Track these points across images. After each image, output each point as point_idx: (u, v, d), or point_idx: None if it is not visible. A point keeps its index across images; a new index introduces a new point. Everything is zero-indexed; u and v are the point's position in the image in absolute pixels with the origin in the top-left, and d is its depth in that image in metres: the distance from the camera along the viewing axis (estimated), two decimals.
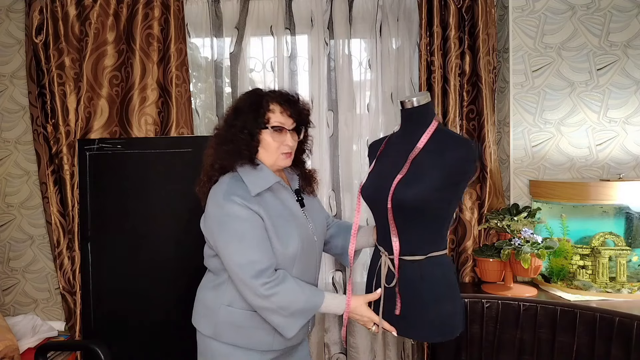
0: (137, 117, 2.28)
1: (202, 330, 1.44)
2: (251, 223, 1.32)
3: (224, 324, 1.39)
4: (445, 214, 1.43)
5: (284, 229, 1.37)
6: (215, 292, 1.43)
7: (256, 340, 1.39)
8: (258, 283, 1.29)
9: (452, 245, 2.32)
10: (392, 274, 1.43)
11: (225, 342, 1.39)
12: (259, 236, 1.32)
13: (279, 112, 1.39)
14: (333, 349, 2.46)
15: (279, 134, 1.39)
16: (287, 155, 1.42)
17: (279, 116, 1.39)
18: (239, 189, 1.34)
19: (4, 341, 1.94)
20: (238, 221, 1.31)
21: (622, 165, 2.25)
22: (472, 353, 2.00)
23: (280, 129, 1.39)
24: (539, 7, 2.26)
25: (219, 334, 1.40)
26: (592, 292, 1.99)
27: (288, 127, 1.40)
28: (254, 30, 2.39)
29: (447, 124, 2.25)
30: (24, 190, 2.45)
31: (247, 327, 1.38)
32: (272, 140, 1.38)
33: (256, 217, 1.33)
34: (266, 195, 1.38)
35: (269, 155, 1.40)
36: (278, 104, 1.39)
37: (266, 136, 1.38)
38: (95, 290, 2.20)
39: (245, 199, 1.32)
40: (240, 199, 1.31)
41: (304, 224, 1.44)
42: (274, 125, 1.38)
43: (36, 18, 2.22)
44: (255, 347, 1.39)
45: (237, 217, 1.31)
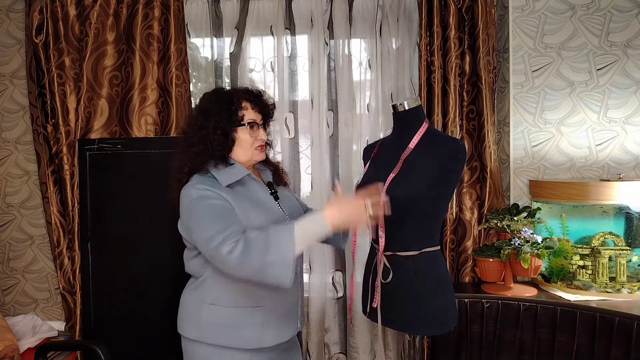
0: (137, 117, 2.28)
1: (187, 334, 1.40)
2: (216, 201, 1.30)
3: (208, 324, 1.36)
4: (437, 211, 1.49)
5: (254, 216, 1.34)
6: (197, 292, 1.40)
7: (244, 338, 1.35)
8: (222, 248, 1.21)
9: (452, 245, 2.32)
10: (388, 270, 1.48)
11: (212, 343, 1.35)
12: (223, 210, 1.29)
13: (251, 109, 1.42)
14: (333, 349, 2.46)
15: (253, 130, 1.42)
16: (261, 149, 1.45)
17: (251, 112, 1.42)
18: (207, 180, 1.36)
19: (4, 341, 1.94)
20: (203, 200, 1.30)
21: (622, 165, 2.26)
22: (472, 353, 2.00)
23: (254, 124, 1.42)
24: (539, 7, 2.26)
25: (204, 335, 1.36)
26: (592, 292, 1.99)
27: (259, 122, 1.44)
28: (254, 30, 2.39)
29: (447, 124, 2.25)
30: (24, 190, 2.45)
31: (233, 324, 1.35)
32: (248, 136, 1.41)
33: (222, 198, 1.31)
34: (237, 188, 1.38)
35: (244, 152, 1.42)
36: (248, 101, 1.42)
37: (241, 134, 1.41)
38: (95, 290, 2.20)
39: (213, 186, 1.33)
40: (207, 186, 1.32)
41: (278, 214, 1.42)
42: (249, 121, 1.41)
43: (36, 18, 2.22)
44: (244, 346, 1.35)
45: (202, 198, 1.30)
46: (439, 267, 1.53)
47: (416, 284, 1.48)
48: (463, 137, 2.29)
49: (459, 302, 1.99)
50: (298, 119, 2.43)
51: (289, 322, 1.43)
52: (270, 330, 1.37)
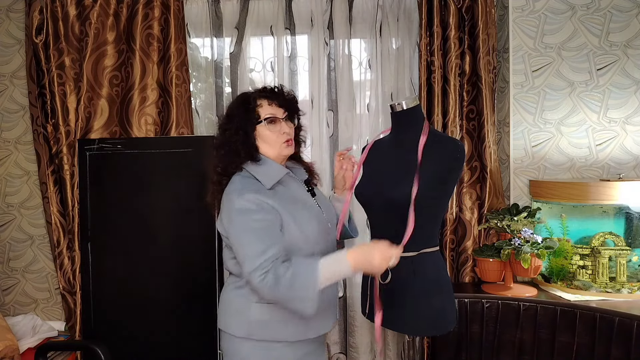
0: (137, 117, 2.28)
1: (234, 332, 1.43)
2: (258, 217, 1.34)
3: (256, 321, 1.40)
4: (436, 211, 1.50)
5: (301, 214, 1.40)
6: (242, 291, 1.44)
7: (290, 331, 1.40)
8: (254, 276, 1.29)
9: (452, 245, 2.32)
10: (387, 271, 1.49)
11: (260, 339, 1.40)
12: (264, 228, 1.34)
13: (267, 105, 1.44)
14: (333, 349, 2.46)
15: (274, 125, 1.44)
16: (288, 142, 1.46)
17: (267, 108, 1.44)
18: (251, 185, 1.38)
19: (4, 341, 1.94)
20: (246, 215, 1.34)
21: (622, 165, 2.26)
22: (472, 353, 2.00)
23: (273, 119, 1.43)
24: (539, 7, 2.26)
25: (252, 332, 1.40)
26: (592, 292, 1.99)
27: (280, 116, 1.45)
28: (254, 30, 2.39)
29: (447, 124, 2.25)
30: (24, 190, 2.45)
31: (280, 319, 1.39)
32: (269, 132, 1.43)
33: (268, 210, 1.35)
34: (278, 188, 1.42)
35: (271, 147, 1.45)
36: (264, 98, 1.45)
37: (262, 130, 1.43)
38: (95, 290, 2.20)
39: (260, 193, 1.36)
40: (253, 195, 1.35)
41: (317, 211, 1.47)
42: (266, 117, 1.43)
43: (36, 18, 2.22)
44: (290, 339, 1.40)
45: (246, 211, 1.34)
46: (438, 268, 1.53)
47: (415, 284, 1.47)
48: (463, 137, 2.29)
49: (459, 302, 1.99)
50: None
51: (329, 313, 1.48)
52: (314, 322, 1.41)
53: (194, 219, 2.17)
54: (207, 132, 2.47)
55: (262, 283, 1.28)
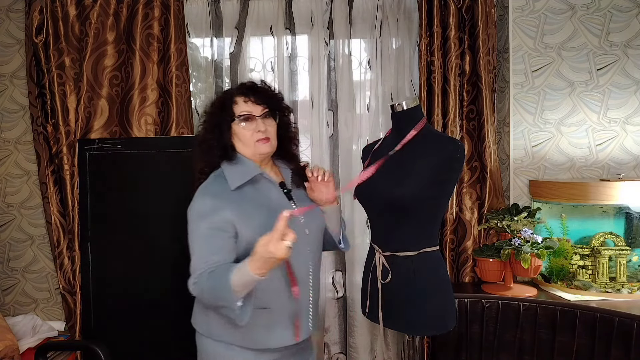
0: (137, 117, 2.28)
1: (199, 329, 1.45)
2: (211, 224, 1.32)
3: (216, 322, 1.39)
4: (435, 211, 1.49)
5: (262, 220, 1.32)
6: None
7: (250, 338, 1.36)
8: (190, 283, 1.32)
9: (452, 245, 2.32)
10: (387, 270, 1.48)
11: (220, 340, 1.39)
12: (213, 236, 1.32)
13: (243, 102, 1.40)
14: (333, 349, 2.46)
15: (248, 122, 1.39)
16: (263, 141, 1.40)
17: (243, 105, 1.40)
18: (215, 186, 1.38)
19: (4, 341, 1.94)
20: (199, 221, 1.34)
21: (622, 165, 2.26)
22: (472, 353, 2.00)
23: (248, 117, 1.39)
24: (539, 7, 2.26)
25: (213, 332, 1.40)
26: (592, 292, 1.99)
27: (257, 114, 1.40)
28: (254, 30, 2.39)
29: (447, 124, 2.25)
30: (24, 190, 2.45)
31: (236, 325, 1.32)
32: (244, 130, 1.39)
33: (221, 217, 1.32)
34: (246, 189, 1.38)
35: (246, 146, 1.41)
36: (240, 95, 1.41)
37: (237, 128, 1.40)
38: (95, 290, 2.20)
39: (218, 196, 1.34)
40: (211, 199, 1.34)
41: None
42: (240, 114, 1.39)
43: (36, 18, 2.22)
44: (251, 346, 1.37)
45: (200, 217, 1.34)
46: (438, 268, 1.53)
47: (415, 284, 1.47)
48: (463, 137, 2.29)
49: (459, 302, 1.99)
50: (298, 119, 2.43)
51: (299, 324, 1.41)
52: (276, 332, 1.37)
53: None
54: None
55: (194, 293, 1.32)
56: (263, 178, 1.42)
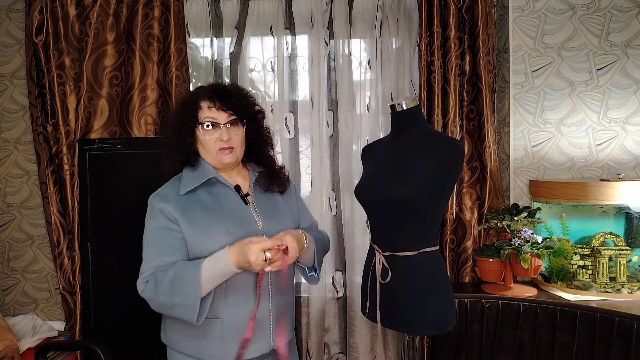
0: (137, 117, 2.28)
1: (162, 338, 1.43)
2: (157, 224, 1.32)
3: (174, 332, 1.37)
4: (435, 211, 1.49)
5: (210, 225, 1.29)
6: None
7: (206, 350, 1.30)
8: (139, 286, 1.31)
9: (452, 245, 2.32)
10: (387, 270, 1.48)
11: (180, 351, 1.35)
12: (159, 235, 1.31)
13: (207, 108, 1.32)
14: (333, 349, 2.46)
15: (212, 130, 1.31)
16: (226, 150, 1.32)
17: (207, 111, 1.31)
18: (167, 188, 1.36)
19: (4, 341, 1.94)
20: (149, 221, 1.34)
21: (622, 165, 2.26)
22: (472, 353, 2.00)
23: (212, 124, 1.31)
24: (539, 7, 2.26)
25: (173, 342, 1.37)
26: (592, 292, 1.99)
27: (222, 121, 1.31)
28: (254, 30, 2.39)
29: (447, 124, 2.25)
30: (24, 190, 2.45)
31: (194, 335, 1.30)
32: (205, 137, 1.31)
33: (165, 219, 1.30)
34: (199, 192, 1.33)
35: (208, 154, 1.34)
36: (206, 100, 1.32)
37: (199, 134, 1.33)
38: (95, 290, 2.20)
39: (166, 198, 1.32)
40: (159, 201, 1.32)
41: (243, 221, 1.32)
42: (202, 121, 1.31)
43: (36, 18, 2.22)
44: (206, 358, 1.31)
45: (150, 216, 1.34)
46: (438, 268, 1.53)
47: (415, 284, 1.47)
48: (463, 137, 2.29)
49: (459, 302, 1.99)
50: (298, 119, 2.43)
51: (255, 338, 1.29)
52: (230, 345, 1.28)
53: None
54: None
55: (143, 292, 1.28)
56: (218, 182, 1.36)
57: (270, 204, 1.40)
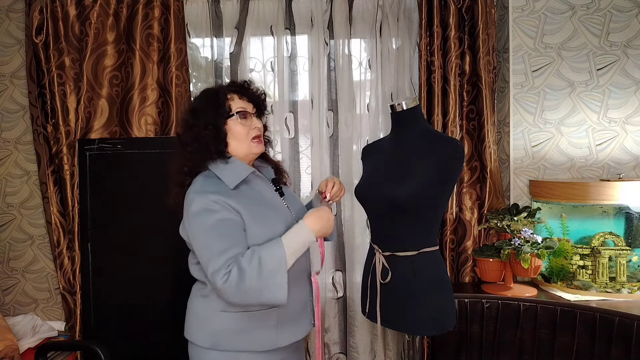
0: (137, 117, 2.28)
1: (198, 342, 1.37)
2: (220, 216, 1.27)
3: (222, 331, 1.34)
4: (435, 211, 1.49)
5: (265, 216, 1.34)
6: (207, 300, 1.37)
7: (259, 340, 1.34)
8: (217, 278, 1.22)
9: (452, 245, 2.32)
10: (387, 270, 1.49)
11: (226, 349, 1.33)
12: (225, 228, 1.27)
13: (238, 98, 1.39)
14: (333, 349, 2.46)
15: (245, 119, 1.37)
16: (258, 140, 1.40)
17: (239, 102, 1.38)
18: (213, 185, 1.32)
19: (4, 341, 1.94)
20: (205, 215, 1.27)
21: (622, 165, 2.26)
22: (472, 353, 2.00)
23: (245, 113, 1.38)
24: (539, 7, 2.26)
25: (217, 343, 1.34)
26: (592, 292, 1.99)
27: (251, 111, 1.40)
28: (254, 30, 2.39)
29: (447, 124, 2.25)
30: (24, 190, 2.45)
31: (247, 329, 1.33)
32: (240, 127, 1.36)
33: (229, 211, 1.28)
34: (243, 188, 1.36)
35: (241, 144, 1.38)
36: (234, 92, 1.39)
37: (233, 125, 1.36)
38: (95, 290, 2.20)
39: (221, 193, 1.29)
40: (215, 195, 1.28)
41: (284, 211, 1.41)
42: (238, 110, 1.36)
43: (36, 18, 2.22)
44: (259, 349, 1.34)
45: (205, 211, 1.27)
46: (438, 268, 1.53)
47: (414, 284, 1.47)
48: (463, 137, 2.29)
49: (459, 302, 1.99)
50: (298, 119, 2.43)
51: (302, 320, 1.42)
52: (285, 330, 1.37)
53: None
54: None
55: (226, 283, 1.21)
56: (256, 177, 1.42)
57: (290, 195, 1.50)
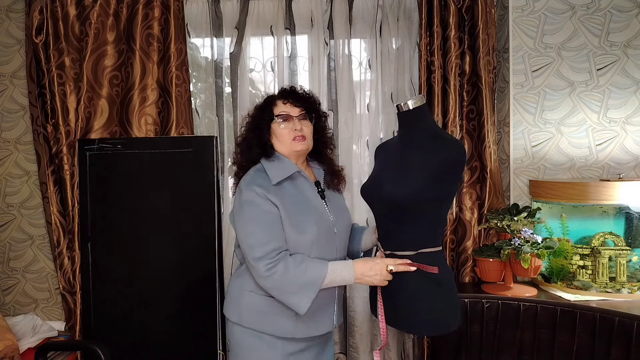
0: (137, 117, 2.28)
1: (230, 316, 1.53)
2: (264, 209, 1.41)
3: (247, 310, 1.48)
4: (436, 212, 1.49)
5: (300, 216, 1.45)
6: (240, 279, 1.53)
7: (278, 326, 1.45)
8: (261, 264, 1.37)
9: (452, 245, 2.32)
10: None
11: (249, 327, 1.47)
12: (269, 221, 1.41)
13: (282, 104, 1.54)
14: None
15: (286, 122, 1.51)
16: (299, 138, 1.51)
17: (282, 106, 1.54)
18: (259, 179, 1.47)
19: (4, 341, 1.94)
20: (253, 206, 1.42)
21: (622, 165, 2.26)
22: (472, 353, 2.00)
23: (286, 117, 1.51)
24: (539, 7, 2.26)
25: (243, 319, 1.48)
26: (592, 292, 1.99)
27: (294, 114, 1.52)
28: (254, 30, 2.39)
29: (447, 124, 2.25)
30: (24, 190, 2.45)
31: (269, 313, 1.45)
32: (281, 129, 1.51)
33: (270, 204, 1.42)
34: (286, 184, 1.48)
35: (282, 144, 1.52)
36: (280, 98, 1.56)
37: (275, 127, 1.52)
38: (95, 290, 2.20)
39: (264, 187, 1.44)
40: (259, 188, 1.43)
41: (323, 214, 1.50)
42: (278, 114, 1.52)
43: (36, 18, 2.22)
44: (278, 334, 1.45)
45: (252, 203, 1.42)
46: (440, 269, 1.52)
47: (413, 284, 1.47)
48: (463, 137, 2.29)
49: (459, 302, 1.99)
50: None
51: (322, 317, 1.49)
52: (303, 322, 1.45)
53: (194, 219, 2.17)
54: (207, 132, 2.47)
55: (269, 272, 1.36)
56: (300, 176, 1.53)
57: (335, 200, 1.60)
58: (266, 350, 1.45)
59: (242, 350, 1.50)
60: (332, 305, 1.52)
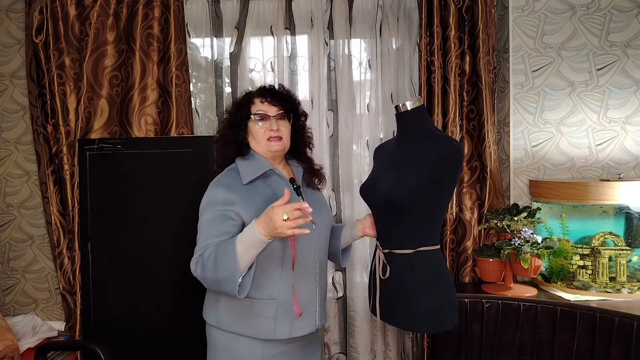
0: (137, 117, 2.28)
1: (208, 319, 1.52)
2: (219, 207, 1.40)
3: (224, 312, 1.46)
4: (433, 210, 1.50)
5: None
6: None
7: (257, 328, 1.42)
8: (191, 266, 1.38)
9: (452, 245, 2.32)
10: (386, 267, 1.50)
11: (228, 330, 1.45)
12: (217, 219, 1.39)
13: (259, 102, 1.51)
14: (333, 349, 2.46)
15: (263, 121, 1.49)
16: (275, 139, 1.48)
17: (259, 105, 1.51)
18: (228, 178, 1.46)
19: (4, 341, 1.94)
20: (209, 207, 1.42)
21: (622, 165, 2.26)
22: (472, 353, 2.00)
23: (263, 116, 1.49)
24: (539, 7, 2.26)
25: (221, 322, 1.46)
26: (592, 292, 1.99)
27: (271, 114, 1.50)
28: (254, 30, 2.39)
29: (447, 124, 2.25)
30: (24, 190, 2.45)
31: (247, 314, 1.43)
32: (257, 128, 1.49)
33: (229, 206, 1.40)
34: (258, 183, 1.46)
35: (258, 143, 1.50)
36: (258, 96, 1.53)
37: (251, 126, 1.51)
38: (95, 290, 2.20)
39: (231, 188, 1.42)
40: (222, 189, 1.42)
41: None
42: (255, 112, 1.50)
43: (36, 18, 2.22)
44: (257, 336, 1.43)
45: (210, 203, 1.42)
46: (437, 266, 1.53)
47: (411, 282, 1.48)
48: (463, 137, 2.29)
49: (459, 302, 1.98)
50: None
51: (303, 318, 1.46)
52: (283, 323, 1.43)
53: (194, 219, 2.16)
54: (207, 132, 2.47)
55: (195, 273, 1.36)
56: (274, 174, 1.50)
57: (314, 198, 1.56)
58: (246, 352, 1.43)
59: (220, 352, 1.47)
60: (314, 305, 1.50)
